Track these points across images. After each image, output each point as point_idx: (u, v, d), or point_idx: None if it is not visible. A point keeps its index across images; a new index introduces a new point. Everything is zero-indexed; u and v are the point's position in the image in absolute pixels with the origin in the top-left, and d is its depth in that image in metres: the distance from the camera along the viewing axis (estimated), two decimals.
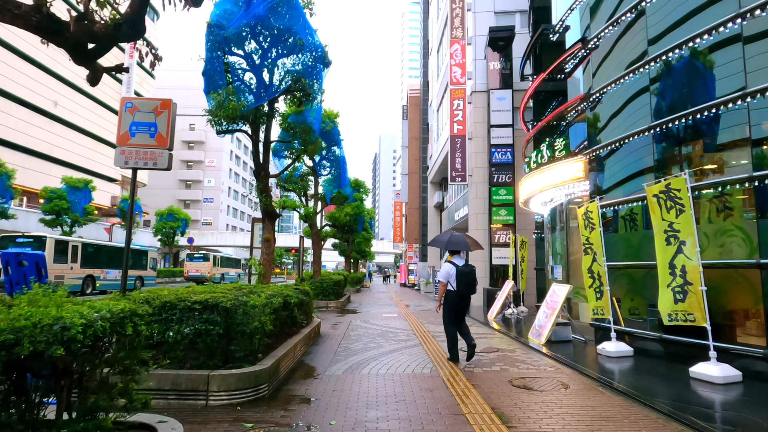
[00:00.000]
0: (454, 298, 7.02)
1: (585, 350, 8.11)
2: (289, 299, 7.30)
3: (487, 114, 19.16)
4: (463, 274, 6.92)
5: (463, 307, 7.14)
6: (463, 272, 6.93)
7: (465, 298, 7.05)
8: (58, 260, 19.94)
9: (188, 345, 5.05)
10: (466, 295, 7.02)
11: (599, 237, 7.74)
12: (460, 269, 6.94)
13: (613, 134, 8.29)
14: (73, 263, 20.78)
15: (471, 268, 7.05)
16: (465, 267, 7.00)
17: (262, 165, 9.51)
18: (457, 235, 7.72)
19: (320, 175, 18.90)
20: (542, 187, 10.31)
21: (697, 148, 6.82)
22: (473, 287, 7.03)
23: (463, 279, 6.91)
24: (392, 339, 9.62)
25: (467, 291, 6.98)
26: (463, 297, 7.02)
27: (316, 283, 16.92)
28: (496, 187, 17.52)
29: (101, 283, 22.86)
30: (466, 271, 6.95)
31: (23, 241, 19.55)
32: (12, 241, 19.66)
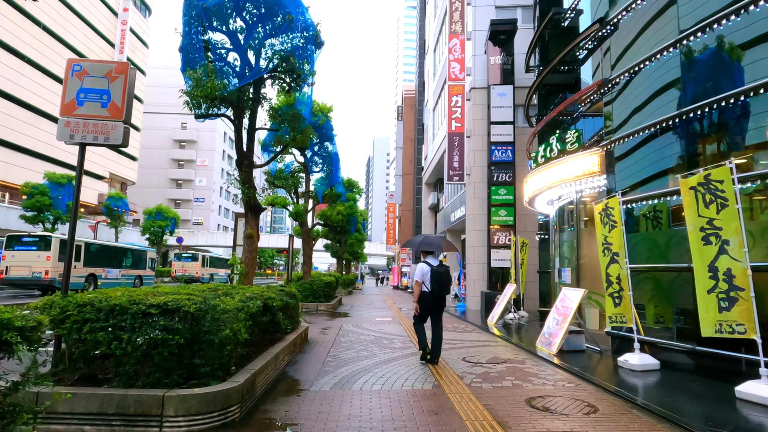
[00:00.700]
0: (429, 298, 6.99)
1: (603, 362, 7.27)
2: (271, 302, 6.40)
3: (486, 111, 18.36)
4: (438, 274, 6.88)
5: (438, 307, 7.12)
6: (437, 272, 6.89)
7: (440, 298, 7.03)
8: (63, 259, 19.86)
9: (141, 358, 4.14)
10: (440, 296, 7.00)
11: (621, 236, 6.92)
12: (434, 269, 6.90)
13: (634, 123, 7.49)
14: (76, 262, 21.01)
15: (445, 268, 7.02)
16: (439, 267, 6.95)
17: (245, 153, 8.61)
18: (432, 237, 7.69)
19: (312, 171, 18.00)
20: (551, 183, 9.49)
21: (740, 135, 6.02)
22: (447, 287, 7.03)
23: (438, 279, 6.88)
24: (387, 346, 8.74)
25: (441, 291, 6.95)
26: (438, 297, 7.00)
27: (306, 285, 16.01)
28: (495, 187, 16.71)
29: (102, 282, 23.09)
30: (440, 271, 6.91)
31: (29, 240, 20.02)
32: (18, 240, 20.05)
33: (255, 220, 8.56)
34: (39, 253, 19.67)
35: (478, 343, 9.31)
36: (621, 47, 8.03)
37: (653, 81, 7.28)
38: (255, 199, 8.55)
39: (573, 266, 9.78)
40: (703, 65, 6.57)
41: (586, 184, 8.90)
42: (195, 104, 8.36)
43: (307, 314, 14.77)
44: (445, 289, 6.96)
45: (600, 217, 7.32)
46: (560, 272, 10.45)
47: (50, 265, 19.56)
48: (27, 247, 19.69)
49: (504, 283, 16.34)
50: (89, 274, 22.15)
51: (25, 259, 19.52)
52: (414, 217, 41.83)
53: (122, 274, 25.42)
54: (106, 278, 23.70)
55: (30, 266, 19.51)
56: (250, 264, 8.32)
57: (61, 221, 32.31)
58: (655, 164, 7.32)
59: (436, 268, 6.92)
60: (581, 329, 8.22)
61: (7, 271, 19.56)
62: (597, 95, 8.37)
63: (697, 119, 6.45)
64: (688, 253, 6.38)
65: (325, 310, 15.72)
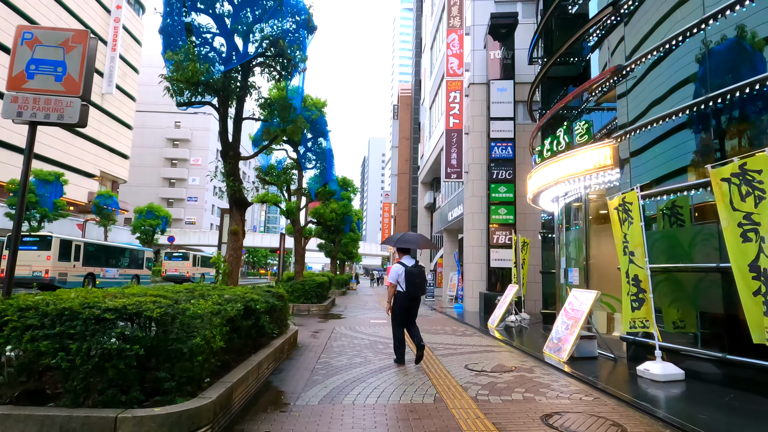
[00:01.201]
0: (404, 299, 6.92)
1: (619, 371, 6.67)
2: (254, 305, 5.76)
3: (485, 107, 17.78)
4: (412, 275, 6.81)
5: (412, 308, 7.07)
6: (411, 273, 6.81)
7: (415, 299, 6.99)
8: (63, 258, 20.60)
9: (93, 372, 3.50)
10: (415, 296, 6.95)
11: (640, 233, 6.32)
12: (408, 269, 6.83)
13: (653, 112, 6.91)
14: (75, 261, 21.58)
15: (420, 269, 6.94)
16: (414, 267, 6.87)
17: (230, 144, 7.96)
18: (410, 234, 7.60)
19: (305, 168, 17.36)
20: (558, 178, 8.89)
21: None
22: (423, 288, 6.99)
23: (412, 280, 6.81)
24: (382, 352, 8.11)
25: (416, 292, 6.90)
26: (413, 298, 6.95)
27: (297, 285, 15.36)
28: (495, 184, 16.12)
29: (101, 281, 23.47)
30: (414, 271, 6.84)
31: (29, 240, 20.26)
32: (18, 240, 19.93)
33: (240, 215, 7.91)
34: (39, 253, 19.87)
35: (480, 349, 8.70)
36: (637, 31, 7.45)
37: (674, 66, 6.71)
38: (241, 193, 7.91)
39: (581, 266, 9.20)
40: (734, 47, 6.00)
41: (597, 179, 8.31)
42: (177, 90, 7.71)
43: (298, 316, 14.13)
44: (420, 289, 6.91)
45: (616, 213, 6.73)
46: (567, 273, 9.86)
47: (50, 264, 19.81)
48: (27, 247, 19.80)
49: (504, 283, 15.75)
50: (88, 273, 22.50)
51: (25, 258, 19.52)
52: (409, 216, 41.19)
53: (120, 274, 25.70)
54: (104, 277, 24.07)
55: (30, 265, 19.66)
56: (234, 263, 7.67)
57: (47, 219, 31.48)
58: (677, 156, 6.74)
59: (410, 268, 6.84)
60: (593, 334, 7.62)
61: None
62: (610, 83, 7.78)
63: (727, 105, 5.87)
64: (716, 252, 5.81)
65: (317, 311, 15.07)
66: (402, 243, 7.15)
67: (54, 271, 19.96)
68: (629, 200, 6.53)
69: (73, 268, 21.51)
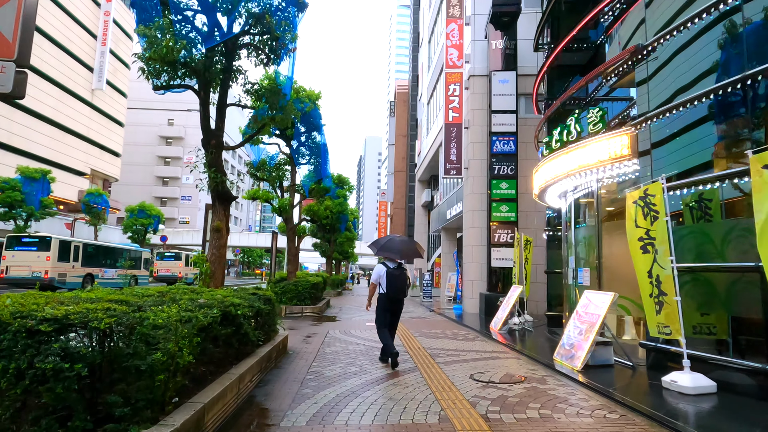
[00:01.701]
0: (385, 300, 6.94)
1: (641, 381, 6.05)
2: (234, 310, 5.09)
3: (486, 100, 17.14)
4: (393, 276, 6.85)
5: (395, 310, 7.10)
6: (392, 274, 6.86)
7: (396, 300, 6.99)
8: (62, 259, 20.77)
9: (24, 397, 2.83)
10: (396, 298, 6.95)
11: (665, 229, 5.69)
12: (389, 271, 6.88)
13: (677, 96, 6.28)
14: (74, 262, 21.79)
15: (401, 271, 6.97)
16: (395, 269, 6.91)
17: (213, 132, 7.28)
18: (396, 240, 7.43)
19: (298, 164, 16.67)
20: (568, 171, 8.26)
21: None
22: (404, 290, 6.98)
23: (393, 281, 6.84)
24: (379, 359, 7.45)
25: (397, 293, 6.90)
26: (394, 300, 6.96)
27: (290, 286, 14.68)
28: (496, 180, 15.49)
29: (99, 281, 23.69)
30: (395, 273, 6.88)
31: (29, 240, 20.52)
32: (18, 241, 20.51)
33: (224, 210, 7.24)
34: (39, 254, 20.07)
35: (485, 355, 8.06)
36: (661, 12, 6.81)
37: (705, 49, 6.08)
38: (224, 186, 7.23)
39: (592, 266, 8.57)
40: None
41: (611, 171, 7.67)
42: (152, 72, 7.02)
43: (290, 318, 13.46)
44: (401, 292, 6.91)
45: (636, 207, 6.09)
46: (576, 273, 9.23)
47: (50, 265, 19.96)
48: (27, 248, 20.16)
49: (505, 284, 15.13)
50: (86, 274, 22.69)
51: (25, 259, 19.92)
52: (406, 215, 40.56)
53: (118, 274, 25.92)
54: (103, 278, 24.36)
55: (30, 266, 19.90)
56: (217, 262, 7.00)
57: (34, 218, 30.63)
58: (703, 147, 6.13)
59: (392, 270, 6.87)
60: (609, 340, 6.99)
61: (7, 270, 19.96)
62: (627, 66, 7.15)
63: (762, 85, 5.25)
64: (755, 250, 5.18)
65: (311, 313, 14.40)
66: (384, 251, 7.07)
67: (53, 271, 20.04)
68: (652, 192, 5.90)
69: (72, 269, 21.61)
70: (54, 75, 43.19)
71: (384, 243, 7.31)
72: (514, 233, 15.30)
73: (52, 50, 43.12)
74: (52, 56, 42.98)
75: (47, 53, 42.35)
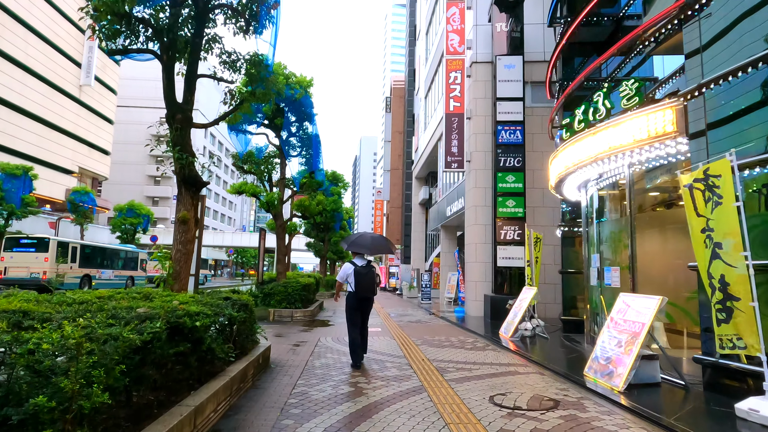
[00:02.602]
0: (353, 299, 6.91)
1: (704, 407, 4.90)
2: (188, 322, 3.89)
3: (491, 88, 16.01)
4: (360, 275, 6.81)
5: (364, 308, 7.04)
6: (359, 272, 6.82)
7: (364, 299, 6.94)
8: (61, 260, 20.92)
9: None
10: (364, 296, 6.91)
11: (734, 218, 4.55)
12: (357, 269, 6.84)
13: (739, 57, 5.14)
14: (72, 263, 21.88)
15: (369, 269, 6.93)
16: (363, 267, 6.88)
17: (178, 106, 6.08)
18: (366, 236, 7.49)
19: (288, 156, 15.47)
20: (597, 154, 7.11)
21: None
22: (372, 288, 6.93)
23: (360, 280, 6.79)
24: (377, 375, 6.29)
25: (365, 292, 6.85)
26: (362, 298, 6.91)
27: (279, 288, 13.48)
28: (502, 173, 14.33)
29: (96, 282, 23.76)
30: (363, 271, 6.84)
31: (27, 242, 20.70)
32: (16, 242, 20.73)
33: (192, 198, 6.04)
34: (37, 255, 20.13)
35: (501, 369, 6.90)
36: None
37: None
38: (192, 169, 6.03)
39: (623, 265, 7.43)
40: None
41: (649, 153, 6.53)
42: (107, 33, 5.83)
43: (279, 323, 12.27)
44: (368, 290, 6.86)
45: (695, 191, 4.94)
46: (602, 273, 8.09)
47: (48, 266, 20.00)
48: (25, 249, 20.34)
49: (512, 285, 14.00)
50: (84, 275, 22.82)
51: (23, 260, 20.02)
52: (403, 213, 39.39)
53: (115, 275, 25.98)
54: (100, 279, 24.42)
55: (28, 267, 19.98)
56: (183, 261, 5.80)
57: (15, 216, 29.26)
58: None
59: (359, 268, 6.83)
60: (654, 353, 5.84)
61: (5, 271, 20.02)
62: (673, 26, 6.01)
63: None
64: None
65: (301, 317, 13.21)
66: (354, 247, 7.11)
67: (52, 272, 20.05)
68: (716, 172, 4.74)
69: (71, 270, 21.64)
70: (40, 70, 41.79)
71: (354, 239, 7.29)
72: (522, 230, 14.17)
73: (38, 45, 41.74)
74: (38, 51, 41.61)
75: (33, 48, 40.99)
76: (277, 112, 14.74)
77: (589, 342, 8.79)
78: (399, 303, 22.78)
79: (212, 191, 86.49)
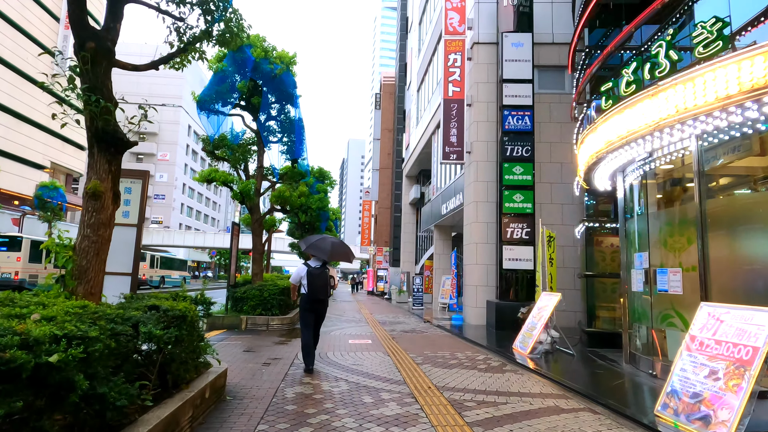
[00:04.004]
0: (306, 300, 6.77)
1: None
2: (30, 360, 2.09)
3: (493, 71, 14.41)
4: (312, 276, 6.72)
5: (318, 310, 6.89)
6: (311, 274, 6.73)
7: (317, 301, 6.79)
8: (33, 260, 20.00)
9: None
10: (317, 298, 6.77)
11: None
12: (310, 270, 6.76)
13: None
14: (47, 263, 20.78)
15: (321, 271, 6.81)
16: (316, 269, 6.78)
17: (92, 32, 4.28)
18: (328, 241, 7.17)
19: (267, 143, 13.64)
20: (659, 121, 5.43)
21: None
22: (323, 290, 6.79)
23: (312, 281, 6.70)
24: (371, 414, 4.53)
25: (317, 294, 6.73)
26: (315, 300, 6.76)
27: (253, 292, 11.64)
28: (509, 164, 12.68)
29: None
30: (315, 273, 6.75)
31: None
32: None
33: (108, 163, 4.23)
34: (9, 254, 19.22)
35: (535, 403, 5.17)
36: None
37: None
38: (110, 121, 4.24)
39: (690, 266, 5.77)
40: None
41: (736, 116, 4.89)
42: None
43: (252, 333, 10.45)
44: (320, 292, 6.76)
45: None
46: (651, 276, 6.43)
47: (20, 265, 19.17)
48: None
49: (521, 290, 12.33)
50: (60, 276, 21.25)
51: None
52: (392, 214, 37.62)
53: None
54: None
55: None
56: (93, 253, 3.99)
57: None
58: None
59: (312, 269, 6.78)
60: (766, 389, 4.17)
61: None
62: None
63: None
64: None
65: (278, 326, 11.39)
66: (312, 249, 6.93)
67: (24, 272, 19.25)
68: None
69: (45, 270, 20.34)
70: (8, 57, 39.39)
71: (314, 241, 7.10)
72: (531, 228, 12.54)
73: (7, 31, 39.36)
74: (6, 37, 39.21)
75: (1, 33, 38.60)
76: (254, 90, 12.93)
77: (630, 362, 7.13)
78: (388, 308, 21.02)
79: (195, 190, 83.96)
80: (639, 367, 6.84)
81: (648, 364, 6.66)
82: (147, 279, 34.12)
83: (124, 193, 6.16)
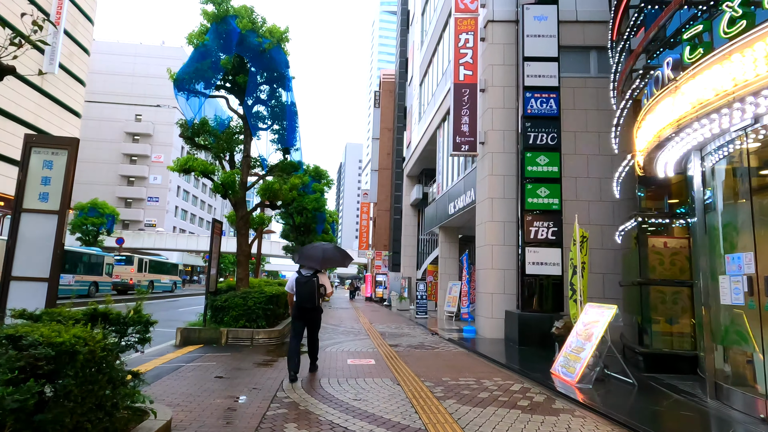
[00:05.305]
0: (296, 309, 6.81)
1: None
2: None
3: (512, 51, 12.85)
4: (299, 284, 6.73)
5: (309, 318, 6.89)
6: (299, 282, 6.74)
7: (306, 309, 6.75)
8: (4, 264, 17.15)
9: None
10: (302, 306, 6.72)
11: None
12: (298, 278, 6.77)
13: None
14: None
15: (307, 279, 6.72)
16: (303, 277, 6.73)
17: None
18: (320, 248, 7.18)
19: (255, 129, 11.95)
20: None
21: None
22: (312, 298, 6.68)
23: (299, 289, 6.71)
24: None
25: (302, 302, 6.69)
26: (301, 308, 6.74)
27: (236, 300, 9.94)
28: (532, 153, 11.05)
29: None
30: (302, 281, 6.73)
31: None
32: None
33: None
34: None
35: None
36: None
37: None
38: None
39: None
40: None
41: None
42: None
43: (233, 349, 8.75)
44: (307, 300, 6.66)
45: None
46: (762, 284, 4.79)
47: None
48: None
49: (546, 299, 10.67)
50: None
51: None
52: (391, 216, 35.95)
53: (76, 280, 23.80)
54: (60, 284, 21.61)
55: None
56: None
57: None
58: None
59: (300, 278, 6.74)
60: None
61: None
62: None
63: None
64: None
65: (265, 341, 9.69)
66: (302, 260, 6.90)
67: None
68: None
69: None
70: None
71: (304, 251, 7.14)
72: (558, 227, 10.90)
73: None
74: None
75: None
76: (240, 68, 11.27)
77: (716, 397, 5.46)
78: (389, 317, 19.29)
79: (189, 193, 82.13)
80: (732, 405, 5.18)
81: (745, 401, 5.01)
82: (134, 283, 32.56)
83: (43, 167, 4.50)
